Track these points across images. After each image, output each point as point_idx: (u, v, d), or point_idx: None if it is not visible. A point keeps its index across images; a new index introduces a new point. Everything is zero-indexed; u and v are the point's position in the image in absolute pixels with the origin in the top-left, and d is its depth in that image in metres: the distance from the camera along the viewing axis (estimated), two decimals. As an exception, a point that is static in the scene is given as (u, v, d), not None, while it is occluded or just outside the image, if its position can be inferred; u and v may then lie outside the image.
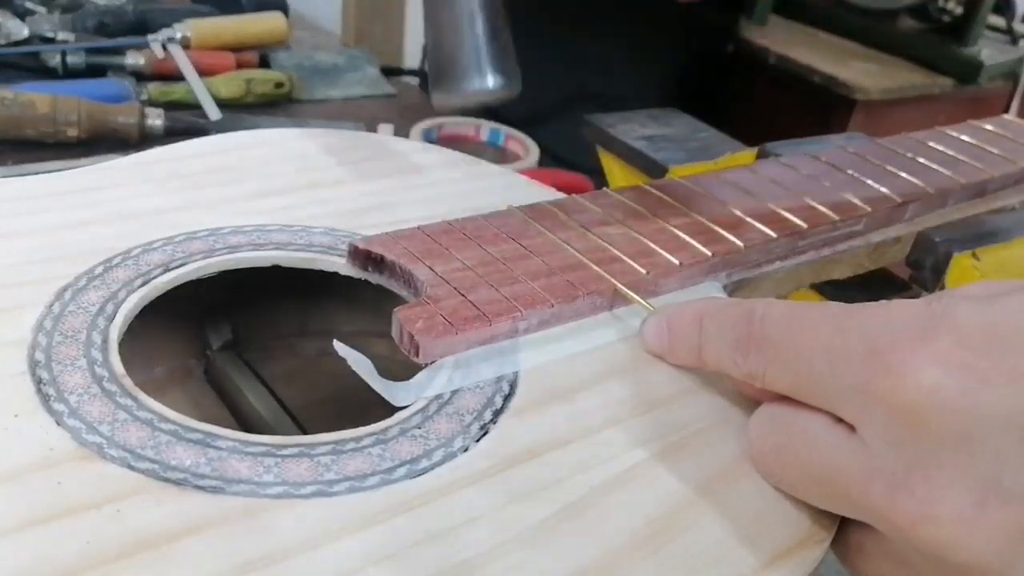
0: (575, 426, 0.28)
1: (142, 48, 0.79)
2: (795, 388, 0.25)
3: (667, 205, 0.38)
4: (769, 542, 0.25)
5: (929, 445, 0.21)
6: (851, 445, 0.23)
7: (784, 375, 0.25)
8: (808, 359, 0.24)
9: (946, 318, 0.22)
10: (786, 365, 0.25)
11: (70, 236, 0.34)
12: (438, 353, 0.29)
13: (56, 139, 0.65)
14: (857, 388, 0.23)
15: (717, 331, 0.28)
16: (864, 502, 0.23)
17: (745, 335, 0.26)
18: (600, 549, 0.24)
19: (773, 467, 0.26)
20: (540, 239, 0.35)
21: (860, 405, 0.23)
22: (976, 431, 0.21)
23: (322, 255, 0.35)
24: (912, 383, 0.22)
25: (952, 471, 0.21)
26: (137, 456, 0.24)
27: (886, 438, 0.22)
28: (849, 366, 0.23)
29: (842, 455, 0.24)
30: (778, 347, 0.25)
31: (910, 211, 0.41)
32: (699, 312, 0.29)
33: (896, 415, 0.22)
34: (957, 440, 0.21)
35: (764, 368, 0.26)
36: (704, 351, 0.29)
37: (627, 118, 0.67)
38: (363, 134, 0.47)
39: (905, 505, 0.22)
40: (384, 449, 0.26)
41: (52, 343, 0.28)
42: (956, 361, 0.21)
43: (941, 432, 0.21)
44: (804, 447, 0.25)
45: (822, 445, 0.24)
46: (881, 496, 0.22)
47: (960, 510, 0.21)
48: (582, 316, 0.32)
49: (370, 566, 0.22)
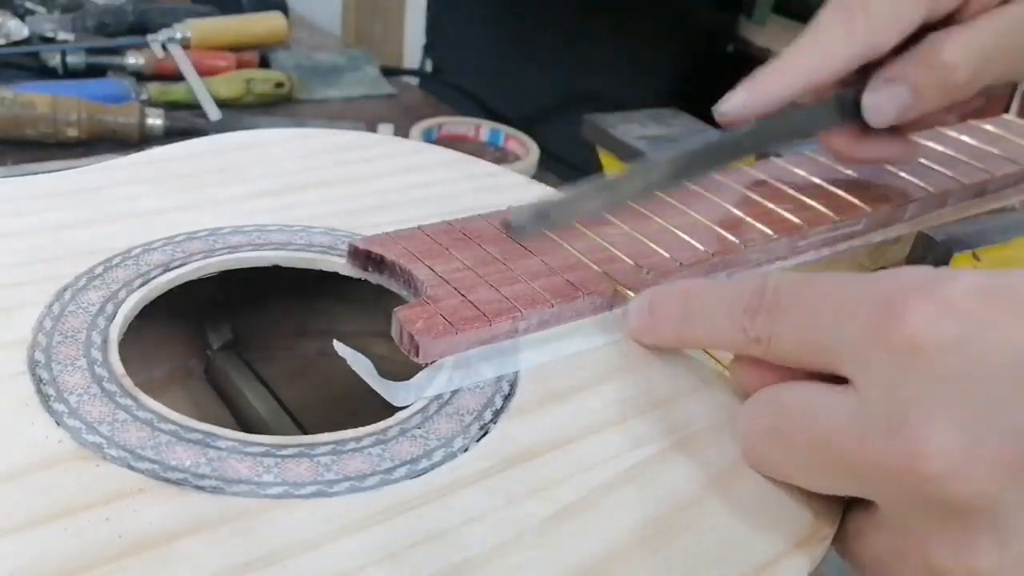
0: (575, 426, 0.28)
1: (142, 48, 0.79)
2: (799, 345, 0.25)
3: (667, 205, 0.38)
4: (770, 541, 0.25)
5: (926, 384, 0.22)
6: (847, 402, 0.23)
7: (790, 333, 0.25)
8: (816, 313, 0.25)
9: (953, 276, 0.23)
10: (793, 323, 0.25)
11: (70, 236, 0.34)
12: (438, 353, 0.29)
13: (56, 139, 0.65)
14: (860, 336, 0.23)
15: (714, 303, 0.28)
16: (861, 458, 0.23)
17: (756, 302, 0.26)
18: (600, 549, 0.24)
19: (765, 451, 0.26)
20: (540, 239, 0.35)
21: (861, 353, 0.23)
22: (972, 370, 0.21)
23: (322, 255, 0.35)
24: (911, 322, 0.22)
25: (947, 408, 0.21)
26: (137, 456, 0.24)
27: (883, 383, 0.23)
28: (855, 317, 0.24)
29: (838, 415, 0.24)
30: (788, 308, 0.26)
31: (910, 211, 0.41)
32: (682, 290, 0.29)
33: (894, 355, 0.22)
34: (953, 378, 0.21)
35: (771, 329, 0.26)
36: (692, 326, 0.29)
37: (627, 118, 0.67)
38: (363, 134, 0.47)
39: (900, 447, 0.22)
40: (384, 449, 0.26)
41: (52, 343, 0.28)
42: (957, 307, 0.22)
43: (937, 370, 0.22)
44: (798, 418, 0.25)
45: (817, 410, 0.24)
46: (877, 445, 0.22)
47: (954, 445, 0.21)
48: (582, 316, 0.32)
49: (370, 566, 0.22)
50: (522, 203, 0.30)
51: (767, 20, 1.44)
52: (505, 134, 0.79)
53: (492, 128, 0.79)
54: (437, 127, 0.78)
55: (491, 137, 0.79)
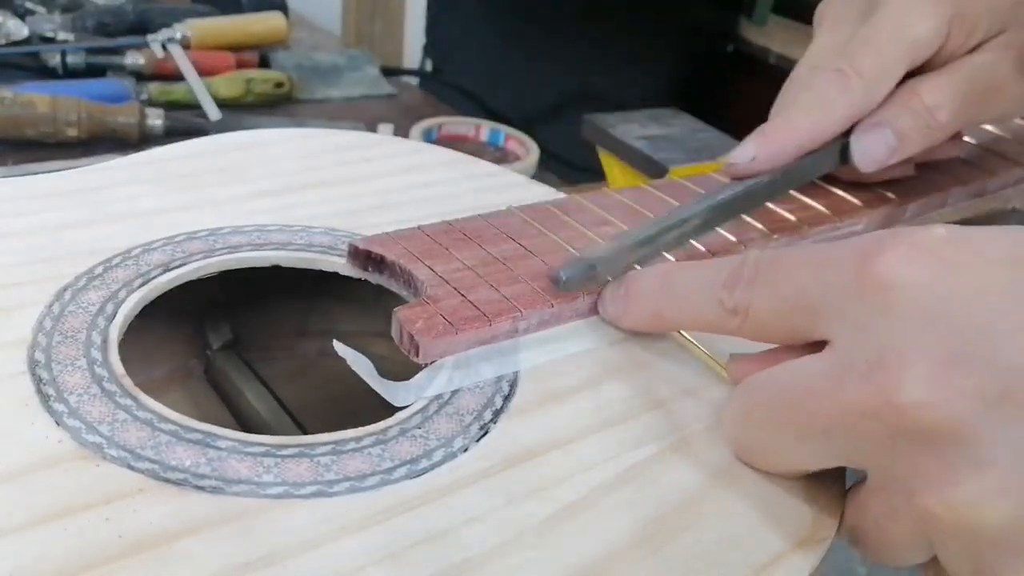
0: (575, 426, 0.28)
1: (142, 48, 0.79)
2: (777, 311, 0.26)
3: (667, 205, 0.38)
4: (771, 541, 0.25)
5: (900, 322, 0.23)
6: (820, 361, 0.24)
7: (768, 299, 0.26)
8: (794, 276, 0.26)
9: (925, 227, 0.24)
10: (771, 288, 0.26)
11: (70, 236, 0.34)
12: (438, 353, 0.29)
13: (56, 139, 0.65)
14: (836, 286, 0.24)
15: (693, 278, 0.29)
16: (837, 410, 0.23)
17: (736, 274, 0.27)
18: (600, 549, 0.24)
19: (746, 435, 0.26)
20: (540, 239, 0.35)
21: (837, 303, 0.24)
22: (944, 305, 0.22)
23: (322, 255, 0.35)
24: (884, 263, 0.23)
25: (918, 345, 0.22)
26: (137, 456, 0.24)
27: (858, 329, 0.23)
28: (833, 271, 0.25)
29: (812, 376, 0.24)
30: (765, 276, 0.26)
31: (910, 211, 0.41)
32: (662, 269, 0.30)
33: (867, 298, 0.23)
34: (925, 312, 0.22)
35: (750, 298, 0.26)
36: (669, 303, 0.29)
37: (627, 118, 0.67)
38: (363, 134, 0.47)
39: (874, 386, 0.22)
40: (384, 449, 0.26)
41: (52, 343, 0.28)
42: (928, 252, 0.23)
43: (911, 307, 0.22)
44: (772, 388, 0.25)
45: (790, 376, 0.25)
46: (851, 392, 0.23)
47: (927, 376, 0.22)
48: (582, 316, 0.32)
49: (370, 566, 0.22)
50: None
51: (767, 20, 1.44)
52: (505, 134, 0.79)
53: (492, 128, 0.79)
54: (437, 127, 0.78)
55: (491, 137, 0.79)
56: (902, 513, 0.24)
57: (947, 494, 0.22)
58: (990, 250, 0.23)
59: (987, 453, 0.21)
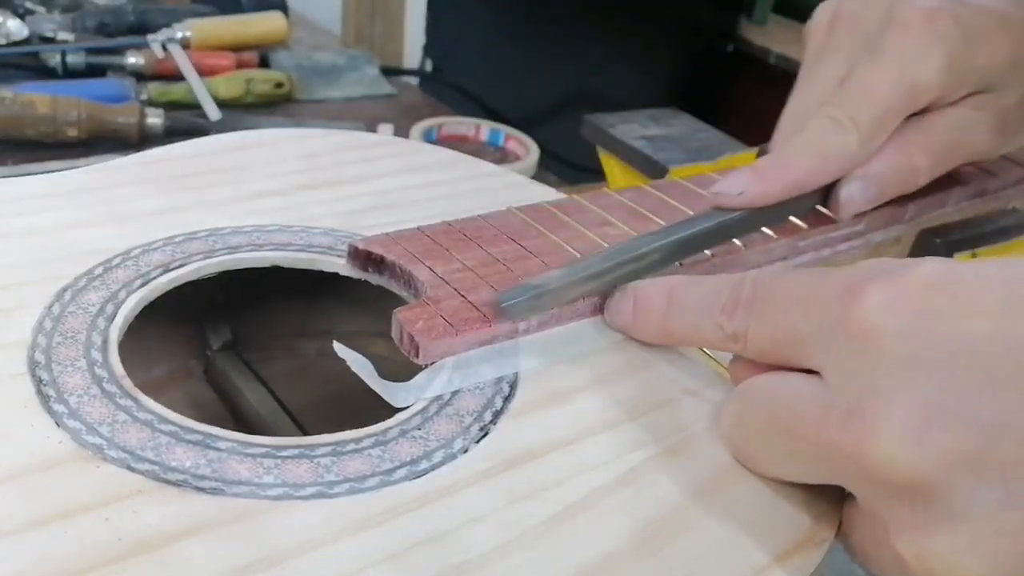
0: (575, 427, 0.28)
1: (142, 48, 0.79)
2: (772, 341, 0.26)
3: (667, 205, 0.38)
4: (770, 543, 0.25)
5: (881, 369, 0.22)
6: (812, 390, 0.24)
7: (764, 328, 0.26)
8: (786, 308, 0.26)
9: (913, 265, 0.24)
10: (766, 318, 0.26)
11: (70, 236, 0.34)
12: (438, 354, 0.29)
13: (56, 139, 0.65)
14: (824, 324, 0.24)
15: (697, 299, 0.29)
16: (821, 443, 0.23)
17: (734, 299, 0.27)
18: (600, 550, 0.24)
19: (740, 441, 0.27)
20: (540, 240, 0.35)
21: (825, 341, 0.24)
22: (926, 356, 0.22)
23: (322, 255, 0.35)
24: (868, 308, 0.23)
25: (899, 393, 0.22)
26: (137, 457, 0.24)
27: (844, 369, 0.23)
28: (820, 307, 0.24)
29: (802, 402, 0.24)
30: (761, 305, 0.26)
31: (910, 211, 0.41)
32: (667, 285, 0.30)
33: (853, 341, 0.23)
34: (906, 363, 0.22)
35: (747, 326, 0.27)
36: (674, 322, 0.29)
37: (627, 118, 0.67)
38: (363, 134, 0.47)
39: (855, 429, 0.22)
40: (384, 450, 0.26)
41: (52, 344, 0.28)
42: (914, 295, 0.23)
43: (892, 356, 0.22)
44: (764, 405, 0.25)
45: (782, 397, 0.25)
46: (833, 430, 0.23)
47: (903, 428, 0.21)
48: (582, 317, 0.32)
49: (370, 567, 0.22)
50: (521, 203, 0.30)
51: (767, 20, 1.44)
52: (505, 134, 0.79)
53: (492, 128, 0.79)
54: (437, 127, 0.78)
55: (491, 137, 0.79)
56: (884, 545, 0.24)
57: (919, 543, 0.22)
58: (977, 298, 0.22)
59: (961, 509, 0.21)
